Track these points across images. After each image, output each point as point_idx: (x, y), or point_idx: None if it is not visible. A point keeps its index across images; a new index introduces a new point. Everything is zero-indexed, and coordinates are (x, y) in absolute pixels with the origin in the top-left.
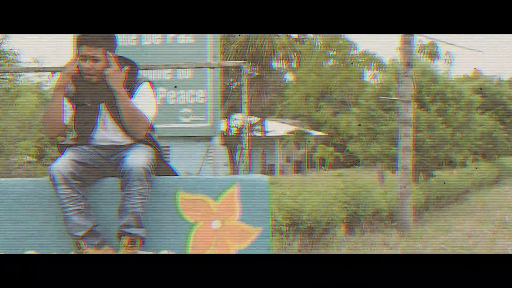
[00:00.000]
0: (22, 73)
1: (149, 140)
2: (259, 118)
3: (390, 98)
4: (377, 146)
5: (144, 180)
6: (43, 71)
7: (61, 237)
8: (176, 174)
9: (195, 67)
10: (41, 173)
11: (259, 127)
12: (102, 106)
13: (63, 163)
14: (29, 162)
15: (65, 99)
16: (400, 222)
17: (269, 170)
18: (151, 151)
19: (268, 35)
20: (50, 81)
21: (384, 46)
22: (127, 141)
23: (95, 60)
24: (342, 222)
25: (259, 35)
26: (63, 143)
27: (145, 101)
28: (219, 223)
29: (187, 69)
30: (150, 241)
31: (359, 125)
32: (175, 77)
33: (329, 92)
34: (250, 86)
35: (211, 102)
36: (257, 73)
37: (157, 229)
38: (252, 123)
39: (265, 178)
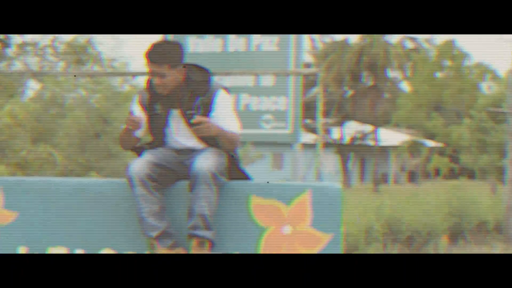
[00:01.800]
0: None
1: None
2: (373, 127)
3: (499, 109)
4: (487, 158)
5: (212, 184)
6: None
7: (136, 237)
8: (249, 179)
9: (274, 74)
10: None
11: (372, 136)
12: (175, 113)
13: (141, 165)
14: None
15: (139, 107)
16: (506, 235)
17: (382, 179)
18: (222, 155)
19: (383, 44)
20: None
21: (499, 57)
22: (201, 146)
23: (162, 76)
24: (444, 233)
25: (374, 44)
26: (139, 145)
27: (228, 111)
28: (290, 228)
29: (269, 76)
30: (221, 244)
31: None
32: (258, 83)
33: (442, 103)
34: (364, 95)
35: (292, 109)
36: (372, 82)
37: (228, 233)
38: (365, 132)
39: (338, 185)
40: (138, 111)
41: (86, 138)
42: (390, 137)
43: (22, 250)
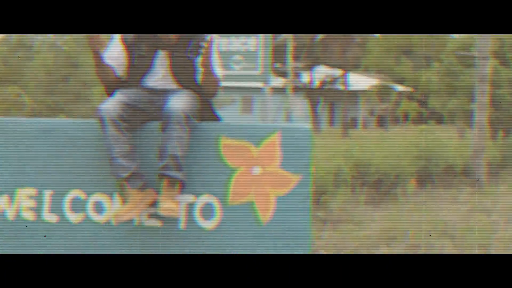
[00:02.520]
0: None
1: (196, 86)
2: (342, 71)
3: (468, 53)
4: (456, 102)
5: (184, 125)
6: None
7: (106, 178)
8: (219, 120)
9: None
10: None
11: (342, 80)
12: (162, 54)
13: (112, 105)
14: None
15: (122, 45)
16: (473, 179)
17: (351, 123)
18: (195, 97)
19: None
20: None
21: None
22: (176, 87)
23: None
24: (412, 176)
25: None
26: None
27: (214, 58)
28: (260, 169)
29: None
30: (191, 185)
31: None
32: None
33: (411, 47)
34: (334, 39)
35: (262, 50)
36: None
37: (198, 173)
38: (335, 76)
39: (307, 126)
40: (119, 50)
41: (54, 81)
42: (359, 81)
43: None
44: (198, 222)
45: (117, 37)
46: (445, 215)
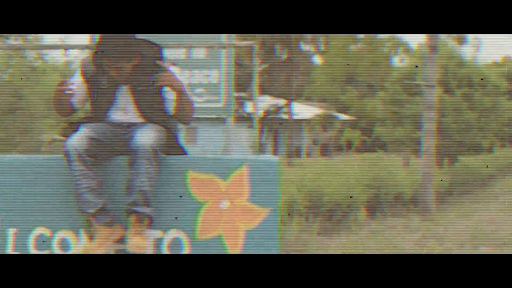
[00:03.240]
0: (48, 51)
1: (162, 120)
2: (286, 101)
3: (415, 82)
4: (402, 130)
5: (152, 159)
6: (70, 48)
7: (71, 214)
8: (186, 154)
9: (208, 47)
10: None
11: (286, 109)
12: (123, 88)
13: (78, 140)
14: (55, 140)
15: (81, 79)
16: (422, 206)
17: (295, 152)
18: (162, 130)
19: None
20: (75, 61)
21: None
22: (141, 120)
23: (120, 69)
24: (363, 205)
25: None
26: (75, 120)
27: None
28: (228, 203)
29: (201, 49)
30: (159, 219)
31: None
32: (190, 56)
33: (356, 76)
34: (278, 68)
35: (225, 82)
36: (285, 56)
37: (166, 208)
38: (279, 105)
39: (275, 159)
40: (79, 83)
41: (1, 114)
42: (303, 110)
43: None
44: None
45: (77, 71)
46: (399, 243)
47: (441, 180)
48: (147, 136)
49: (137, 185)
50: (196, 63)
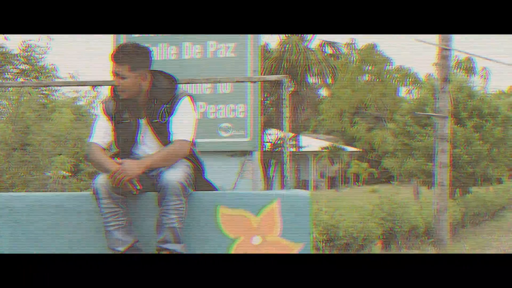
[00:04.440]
0: (58, 88)
1: (188, 155)
2: (293, 134)
3: (428, 113)
4: (413, 162)
5: (181, 195)
6: (82, 85)
7: (102, 252)
8: (215, 189)
9: (236, 81)
10: (76, 188)
11: (293, 142)
12: (142, 122)
13: (107, 177)
14: (64, 177)
15: (105, 117)
16: (437, 239)
17: (303, 185)
18: (189, 166)
19: (303, 50)
20: (86, 97)
21: (420, 62)
22: None
23: (122, 77)
24: (378, 238)
25: (294, 51)
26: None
27: (186, 118)
28: (260, 238)
29: (227, 84)
30: None
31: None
32: (215, 91)
33: (364, 108)
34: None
35: (251, 116)
36: (292, 89)
37: (197, 245)
38: (285, 138)
39: (307, 193)
40: (104, 121)
41: (12, 151)
42: (309, 143)
43: None
44: None
45: (100, 111)
46: None
47: (454, 212)
48: (174, 172)
49: (166, 222)
50: (222, 98)
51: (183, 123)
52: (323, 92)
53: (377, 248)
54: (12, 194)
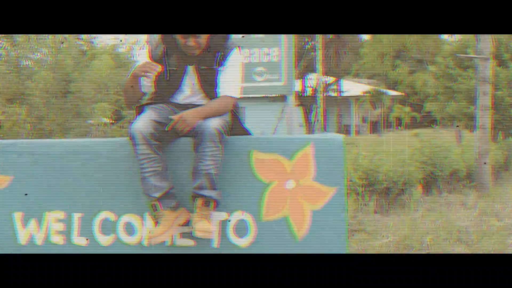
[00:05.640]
0: (97, 35)
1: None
2: (335, 78)
3: (469, 55)
4: (454, 105)
5: (217, 142)
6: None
7: (137, 198)
8: (249, 134)
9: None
10: (118, 135)
11: (335, 87)
12: (190, 68)
13: (144, 123)
14: (106, 124)
15: (149, 61)
16: (479, 182)
17: (344, 130)
18: (227, 113)
19: None
20: (125, 43)
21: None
22: (206, 101)
23: (197, 37)
24: (419, 182)
25: None
26: (141, 103)
27: (234, 70)
28: (294, 183)
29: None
30: (225, 202)
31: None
32: (249, 35)
33: (406, 50)
34: (326, 46)
35: (285, 60)
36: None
37: (231, 190)
38: (327, 83)
39: (340, 137)
40: None
41: (53, 98)
42: (351, 87)
43: (17, 215)
44: (232, 239)
45: (144, 53)
46: (457, 221)
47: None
48: (212, 119)
49: (203, 169)
50: (256, 42)
51: (232, 77)
52: (364, 35)
53: (417, 192)
54: (48, 140)
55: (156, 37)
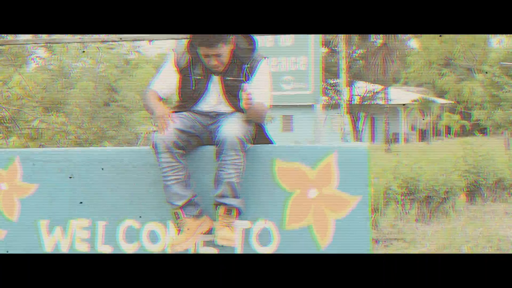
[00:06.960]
0: (141, 44)
1: None
2: (382, 86)
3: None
4: (501, 113)
5: (239, 150)
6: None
7: (160, 206)
8: (272, 143)
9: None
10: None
11: (382, 95)
12: (215, 78)
13: (167, 132)
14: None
15: (174, 68)
16: None
17: (393, 138)
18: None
19: None
20: (168, 54)
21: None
22: (229, 110)
23: (219, 56)
24: (462, 190)
25: None
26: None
27: (264, 81)
28: (317, 191)
29: (288, 36)
30: (248, 210)
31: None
32: (276, 44)
33: (453, 59)
34: (374, 54)
35: (312, 69)
36: (381, 41)
37: (254, 198)
38: (375, 91)
39: (364, 146)
40: (171, 72)
41: (96, 107)
42: (399, 96)
43: (43, 223)
44: (254, 248)
45: (170, 61)
46: (499, 230)
47: None
48: (234, 127)
49: (224, 177)
50: (283, 51)
51: (263, 87)
52: (412, 43)
53: (460, 201)
54: (73, 148)
55: (182, 45)
